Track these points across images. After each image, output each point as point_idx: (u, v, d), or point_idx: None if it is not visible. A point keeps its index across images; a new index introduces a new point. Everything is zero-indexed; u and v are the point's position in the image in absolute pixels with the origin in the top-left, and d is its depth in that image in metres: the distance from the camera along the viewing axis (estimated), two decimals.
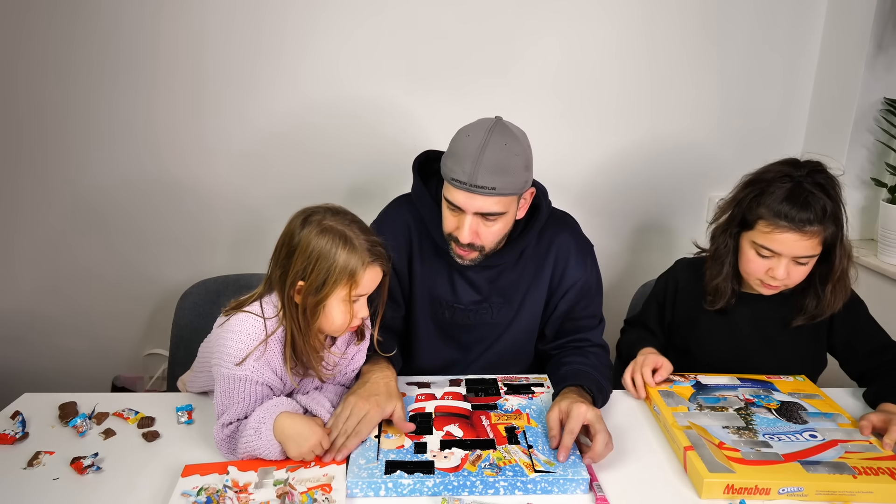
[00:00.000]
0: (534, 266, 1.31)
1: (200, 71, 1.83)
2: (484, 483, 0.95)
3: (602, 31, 1.87)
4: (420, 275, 1.31)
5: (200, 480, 0.97)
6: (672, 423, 1.10)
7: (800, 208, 1.15)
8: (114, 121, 1.85)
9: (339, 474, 0.99)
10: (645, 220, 2.06)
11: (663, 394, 1.20)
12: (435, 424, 1.09)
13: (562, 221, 1.36)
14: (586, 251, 1.35)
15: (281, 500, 0.91)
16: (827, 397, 1.22)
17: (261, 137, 1.90)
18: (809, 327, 1.31)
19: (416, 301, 1.33)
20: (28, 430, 1.12)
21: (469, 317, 1.32)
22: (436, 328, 1.34)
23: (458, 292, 1.31)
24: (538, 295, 1.32)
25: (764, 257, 1.22)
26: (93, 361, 2.08)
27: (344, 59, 1.84)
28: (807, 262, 1.21)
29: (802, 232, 1.16)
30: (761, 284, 1.26)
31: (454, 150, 1.15)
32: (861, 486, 0.96)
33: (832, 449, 1.04)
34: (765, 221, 1.19)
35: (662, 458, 1.07)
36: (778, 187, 1.19)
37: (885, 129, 1.79)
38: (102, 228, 1.96)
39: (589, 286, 1.33)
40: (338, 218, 1.06)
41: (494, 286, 1.31)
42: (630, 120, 1.96)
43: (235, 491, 0.94)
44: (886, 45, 1.74)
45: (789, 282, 1.23)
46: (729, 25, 1.89)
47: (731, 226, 1.28)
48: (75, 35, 1.77)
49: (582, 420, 1.02)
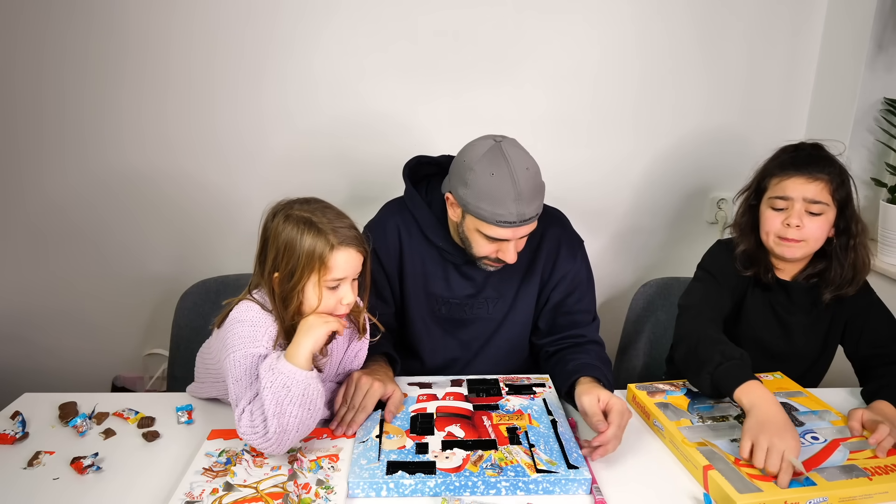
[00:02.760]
0: (526, 259, 1.33)
1: (201, 71, 1.83)
2: (485, 483, 0.95)
3: (601, 31, 1.87)
4: (413, 274, 1.34)
5: (223, 444, 1.06)
6: (683, 441, 1.07)
7: (805, 158, 1.27)
8: (119, 119, 1.85)
9: (347, 447, 1.05)
10: (645, 221, 2.06)
11: (660, 406, 1.18)
12: (436, 425, 1.09)
13: (552, 216, 1.38)
14: (576, 245, 1.38)
15: (291, 465, 1.00)
16: (810, 394, 1.23)
17: (262, 138, 1.90)
18: (832, 313, 1.35)
19: (411, 300, 1.35)
20: (28, 430, 1.12)
21: (465, 311, 1.35)
22: (434, 325, 1.36)
23: (452, 287, 1.33)
24: (531, 288, 1.35)
25: (778, 209, 1.28)
26: (93, 361, 2.07)
27: (345, 60, 1.84)
28: (819, 210, 1.25)
29: (810, 175, 1.25)
30: (781, 242, 1.28)
31: (485, 192, 1.14)
32: (878, 488, 0.96)
33: (837, 451, 1.04)
34: (776, 177, 1.29)
35: (660, 463, 1.07)
36: (785, 155, 1.31)
37: (885, 129, 1.79)
38: (102, 228, 1.95)
39: (580, 279, 1.36)
40: (306, 206, 1.07)
41: (489, 279, 1.33)
42: (630, 120, 1.96)
43: (252, 455, 1.02)
44: (886, 44, 1.74)
45: (806, 234, 1.26)
46: (729, 25, 1.89)
47: (749, 201, 1.36)
48: (67, 34, 1.77)
49: (629, 416, 1.07)
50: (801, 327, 1.37)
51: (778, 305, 1.36)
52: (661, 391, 1.24)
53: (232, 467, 0.99)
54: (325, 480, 0.97)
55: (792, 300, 1.35)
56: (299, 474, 0.98)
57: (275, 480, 0.97)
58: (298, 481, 0.96)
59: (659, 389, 1.25)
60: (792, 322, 1.36)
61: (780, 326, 1.37)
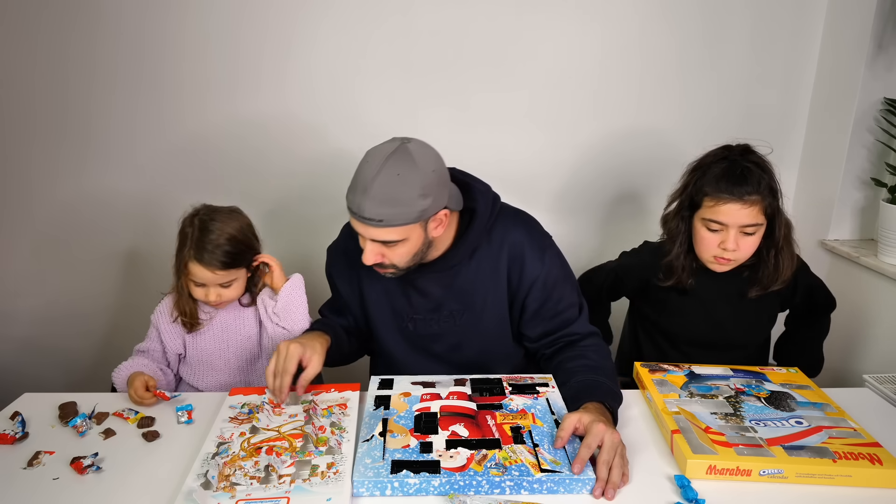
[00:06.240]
0: (489, 267, 1.29)
1: (202, 73, 1.83)
2: (490, 483, 0.95)
3: (601, 31, 1.87)
4: (374, 294, 1.35)
5: (244, 398, 1.20)
6: (662, 409, 1.14)
7: (738, 180, 1.30)
8: (110, 123, 1.85)
9: (354, 398, 1.19)
10: (646, 221, 2.05)
11: (656, 382, 1.24)
12: (440, 424, 1.09)
13: (513, 219, 1.33)
14: (542, 244, 1.32)
15: (307, 413, 1.13)
16: (818, 388, 1.23)
17: (256, 141, 1.90)
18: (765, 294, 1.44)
19: (377, 320, 1.36)
20: (28, 430, 1.12)
21: (432, 325, 1.33)
22: (405, 343, 1.36)
23: (413, 303, 1.32)
24: (498, 297, 1.31)
25: (714, 231, 1.34)
26: (93, 361, 2.07)
27: (340, 60, 1.84)
28: (753, 231, 1.33)
29: (743, 201, 1.29)
30: (715, 261, 1.38)
31: (355, 175, 1.16)
32: (840, 470, 0.97)
33: (816, 434, 1.06)
34: (709, 197, 1.33)
35: (652, 443, 1.10)
36: (717, 167, 1.34)
37: (885, 129, 1.79)
38: (102, 228, 1.95)
39: (553, 279, 1.30)
40: (198, 219, 1.31)
41: (450, 291, 1.30)
42: (630, 120, 1.96)
43: (271, 406, 1.16)
44: (886, 45, 1.75)
45: (740, 254, 1.35)
46: (729, 25, 1.89)
47: (681, 210, 1.41)
48: (93, 39, 1.77)
49: (599, 440, 0.98)
50: (730, 318, 1.47)
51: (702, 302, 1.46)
52: (663, 370, 1.29)
53: (256, 415, 1.13)
54: (337, 423, 1.10)
55: (726, 289, 1.45)
56: (315, 419, 1.11)
57: (294, 425, 1.10)
58: (315, 423, 1.09)
59: (661, 368, 1.30)
60: (719, 314, 1.47)
61: (729, 310, 1.47)
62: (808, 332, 1.59)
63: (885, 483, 0.98)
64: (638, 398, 1.25)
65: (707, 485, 0.97)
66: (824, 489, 0.97)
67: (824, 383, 1.29)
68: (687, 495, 0.95)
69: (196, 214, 1.33)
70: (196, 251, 1.28)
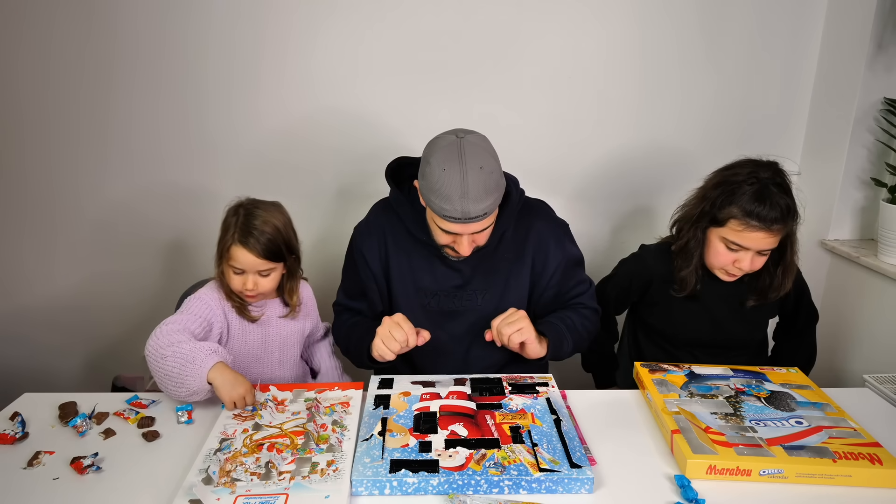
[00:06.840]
0: (514, 251, 1.37)
1: (201, 74, 1.83)
2: (489, 482, 0.95)
3: (600, 31, 1.87)
4: (399, 271, 1.38)
5: None
6: (662, 409, 1.14)
7: (769, 209, 1.28)
8: (112, 125, 1.86)
9: (357, 396, 1.20)
10: (646, 222, 2.06)
11: (656, 382, 1.24)
12: (440, 423, 1.09)
13: (536, 209, 1.42)
14: (562, 233, 1.42)
15: (309, 410, 1.15)
16: (818, 388, 1.23)
17: (258, 140, 1.90)
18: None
19: (400, 297, 1.39)
20: (28, 430, 1.12)
21: (454, 302, 1.37)
22: (424, 319, 1.37)
23: (439, 278, 1.36)
24: (521, 280, 1.38)
25: (732, 251, 1.35)
26: (93, 361, 2.07)
27: (344, 59, 1.84)
28: (768, 252, 1.35)
29: (770, 230, 1.29)
30: (725, 273, 1.40)
31: (435, 186, 1.18)
32: (840, 470, 0.98)
33: (816, 434, 1.06)
34: (737, 221, 1.31)
35: (652, 444, 1.10)
36: (746, 190, 1.30)
37: (885, 129, 1.79)
38: (102, 229, 1.95)
39: (572, 262, 1.42)
40: (244, 208, 1.32)
41: (476, 270, 1.36)
42: (630, 121, 1.96)
43: (275, 404, 1.17)
44: (886, 45, 1.75)
45: (750, 270, 1.37)
46: (729, 25, 1.89)
47: (701, 222, 1.39)
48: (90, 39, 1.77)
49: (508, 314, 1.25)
50: (728, 320, 1.47)
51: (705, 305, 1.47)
52: (662, 370, 1.29)
53: (259, 412, 1.14)
54: (339, 421, 1.12)
55: (730, 293, 1.45)
56: (317, 416, 1.12)
57: (296, 422, 1.11)
58: (317, 421, 1.10)
59: (661, 368, 1.29)
60: (719, 315, 1.47)
61: (731, 313, 1.47)
62: (796, 353, 1.59)
63: (885, 483, 0.98)
64: (638, 398, 1.26)
65: (707, 485, 0.97)
66: (824, 489, 0.97)
67: (824, 383, 1.29)
68: (687, 495, 0.95)
69: (241, 205, 1.35)
70: (241, 234, 1.29)
